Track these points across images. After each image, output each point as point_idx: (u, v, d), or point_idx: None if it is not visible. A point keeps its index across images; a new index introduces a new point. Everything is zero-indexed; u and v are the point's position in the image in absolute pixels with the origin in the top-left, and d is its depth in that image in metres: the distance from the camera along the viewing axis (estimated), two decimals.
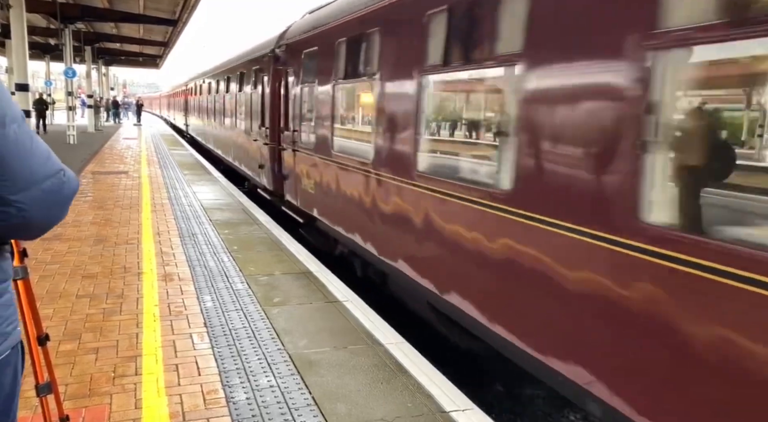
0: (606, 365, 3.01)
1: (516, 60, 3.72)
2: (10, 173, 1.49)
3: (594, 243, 2.99)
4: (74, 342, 4.37)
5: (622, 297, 2.83)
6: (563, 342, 3.31)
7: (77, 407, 3.42)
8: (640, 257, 2.71)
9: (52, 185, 1.58)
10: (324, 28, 7.63)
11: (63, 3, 22.28)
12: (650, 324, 2.70)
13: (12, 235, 1.64)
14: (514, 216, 3.68)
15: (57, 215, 1.64)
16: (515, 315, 3.75)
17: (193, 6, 22.52)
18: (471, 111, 5.20)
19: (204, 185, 13.15)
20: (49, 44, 33.61)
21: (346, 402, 3.59)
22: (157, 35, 34.12)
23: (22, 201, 1.51)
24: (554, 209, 3.32)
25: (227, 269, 6.42)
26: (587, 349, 3.14)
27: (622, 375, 2.93)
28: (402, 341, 4.57)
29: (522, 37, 3.64)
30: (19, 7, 17.20)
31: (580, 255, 3.10)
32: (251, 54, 12.50)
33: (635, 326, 2.79)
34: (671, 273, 2.55)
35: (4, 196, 1.49)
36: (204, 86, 21.20)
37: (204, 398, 3.59)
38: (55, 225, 1.69)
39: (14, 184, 1.50)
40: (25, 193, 1.52)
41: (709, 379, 2.45)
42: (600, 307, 2.99)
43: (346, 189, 6.79)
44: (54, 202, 1.60)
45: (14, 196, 1.50)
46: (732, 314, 2.34)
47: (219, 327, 4.74)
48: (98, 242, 7.47)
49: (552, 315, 3.37)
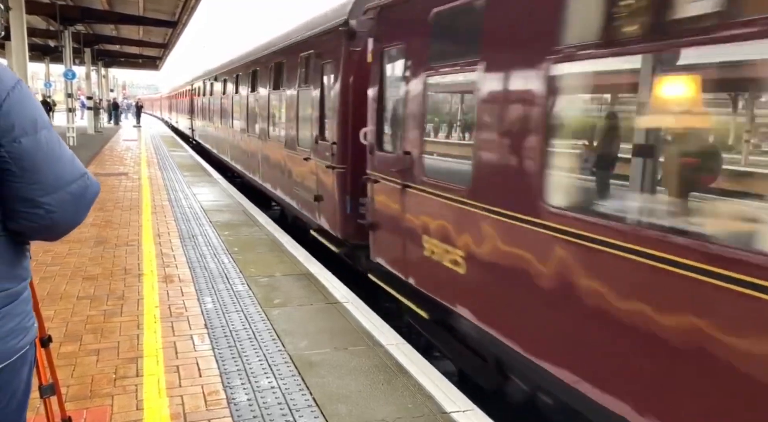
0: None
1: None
2: (41, 177, 1.57)
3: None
4: (75, 343, 4.38)
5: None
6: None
7: (79, 408, 3.42)
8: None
9: (77, 188, 1.66)
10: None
11: (63, 5, 22.31)
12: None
13: (38, 236, 1.70)
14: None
15: (81, 217, 1.72)
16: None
17: (193, 7, 22.52)
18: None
19: (204, 187, 13.17)
20: (49, 46, 33.62)
21: (346, 403, 3.60)
22: (156, 37, 34.13)
23: (50, 203, 1.59)
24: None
25: (228, 270, 6.43)
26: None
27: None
28: (402, 342, 4.58)
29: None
30: (19, 8, 17.20)
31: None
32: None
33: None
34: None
35: (35, 198, 1.57)
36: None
37: (205, 399, 3.60)
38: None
39: (44, 187, 1.58)
40: (54, 195, 1.60)
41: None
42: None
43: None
44: (79, 204, 1.68)
45: (44, 199, 1.58)
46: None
47: (220, 328, 4.75)
48: (99, 243, 7.48)
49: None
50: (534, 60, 3.44)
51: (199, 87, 22.83)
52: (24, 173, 1.55)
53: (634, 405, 2.89)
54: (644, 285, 2.79)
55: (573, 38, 3.25)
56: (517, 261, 3.63)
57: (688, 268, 2.55)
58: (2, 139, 1.51)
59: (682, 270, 2.58)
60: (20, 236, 1.66)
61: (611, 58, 3.12)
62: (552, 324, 3.39)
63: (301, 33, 8.66)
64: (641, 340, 2.81)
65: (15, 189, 1.55)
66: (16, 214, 1.59)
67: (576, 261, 3.17)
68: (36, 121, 1.59)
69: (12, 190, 1.55)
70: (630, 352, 2.89)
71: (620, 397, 2.97)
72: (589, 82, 3.60)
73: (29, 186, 1.56)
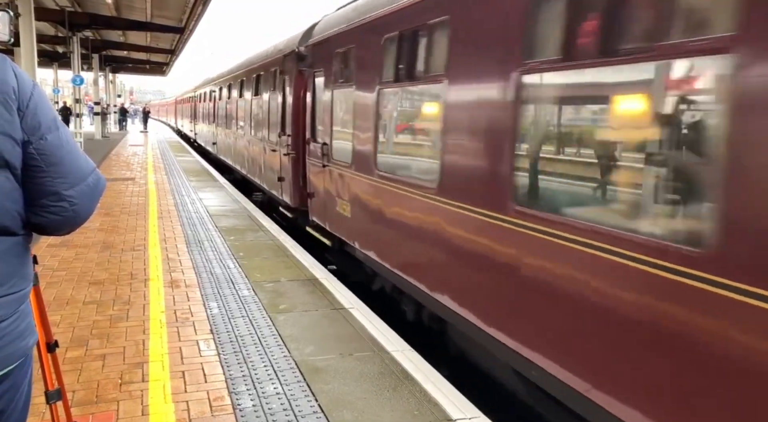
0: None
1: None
2: (65, 171, 1.66)
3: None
4: (81, 348, 4.39)
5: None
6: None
7: (84, 413, 3.42)
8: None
9: (93, 180, 1.76)
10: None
11: (71, 11, 22.51)
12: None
13: (59, 229, 1.77)
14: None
15: (94, 208, 1.81)
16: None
17: (200, 14, 22.68)
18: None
19: (210, 192, 13.20)
20: (57, 52, 33.90)
21: (352, 409, 3.58)
22: (163, 43, 34.36)
23: (73, 196, 1.68)
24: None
25: (233, 275, 6.43)
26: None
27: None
28: (408, 348, 4.56)
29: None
30: (28, 15, 17.35)
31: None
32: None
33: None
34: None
35: (60, 191, 1.66)
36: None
37: (210, 405, 3.59)
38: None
39: (69, 181, 1.67)
40: (76, 188, 1.69)
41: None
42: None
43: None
44: (94, 196, 1.78)
45: (67, 192, 1.67)
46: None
47: (225, 333, 4.75)
48: (105, 248, 7.50)
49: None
50: (372, 86, 6.01)
51: (200, 94, 25.37)
52: (50, 168, 1.63)
53: (456, 299, 4.50)
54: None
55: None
56: (370, 205, 6.14)
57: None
58: (31, 136, 1.60)
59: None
60: (42, 231, 1.73)
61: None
62: (397, 243, 5.55)
63: (272, 53, 11.36)
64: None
65: (41, 184, 1.63)
66: (42, 208, 1.66)
67: (392, 199, 5.54)
68: (56, 119, 1.68)
69: (39, 185, 1.63)
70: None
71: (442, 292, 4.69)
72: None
73: (54, 180, 1.64)
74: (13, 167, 1.57)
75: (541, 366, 3.48)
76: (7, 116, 1.54)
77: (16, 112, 1.57)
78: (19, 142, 1.57)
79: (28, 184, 1.62)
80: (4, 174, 1.56)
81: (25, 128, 1.58)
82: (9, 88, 1.56)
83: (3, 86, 1.55)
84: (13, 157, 1.56)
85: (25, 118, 1.58)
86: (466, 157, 4.35)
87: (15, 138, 1.56)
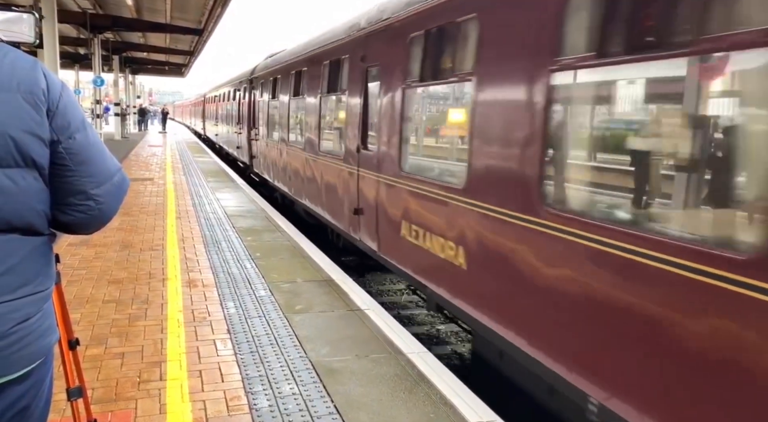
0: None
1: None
2: (92, 170, 1.69)
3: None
4: (101, 346, 4.44)
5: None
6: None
7: (103, 411, 3.46)
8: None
9: (118, 180, 1.79)
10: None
11: (93, 13, 22.81)
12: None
13: (86, 228, 1.79)
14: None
15: (119, 207, 1.83)
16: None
17: (219, 15, 22.86)
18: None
19: (227, 192, 13.29)
20: (79, 53, 34.38)
21: (368, 411, 3.58)
22: (183, 44, 34.70)
23: (100, 194, 1.71)
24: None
25: (250, 276, 6.46)
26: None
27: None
28: (424, 350, 4.55)
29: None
30: (51, 17, 17.63)
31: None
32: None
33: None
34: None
35: (87, 190, 1.68)
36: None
37: (227, 404, 3.61)
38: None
39: (96, 180, 1.70)
40: (103, 187, 1.72)
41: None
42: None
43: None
44: (119, 195, 1.81)
45: (94, 191, 1.70)
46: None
47: (242, 333, 4.77)
48: (124, 248, 7.59)
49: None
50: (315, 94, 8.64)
51: (208, 98, 31.92)
52: (78, 167, 1.66)
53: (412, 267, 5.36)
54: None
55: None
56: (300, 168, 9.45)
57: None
58: (60, 136, 1.62)
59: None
60: (68, 229, 1.75)
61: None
62: (329, 199, 7.79)
63: (245, 74, 16.92)
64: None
65: (70, 183, 1.66)
66: (70, 208, 1.68)
67: (320, 166, 8.19)
68: (83, 119, 1.71)
69: (66, 184, 1.66)
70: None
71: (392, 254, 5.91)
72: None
73: (82, 179, 1.67)
74: (41, 167, 1.60)
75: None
76: (37, 118, 1.57)
77: (45, 113, 1.59)
78: (47, 142, 1.60)
79: (56, 183, 1.65)
80: (32, 174, 1.59)
81: (55, 128, 1.61)
82: (39, 90, 1.59)
83: (33, 88, 1.58)
84: (41, 157, 1.59)
85: (54, 118, 1.61)
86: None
87: (43, 138, 1.59)
